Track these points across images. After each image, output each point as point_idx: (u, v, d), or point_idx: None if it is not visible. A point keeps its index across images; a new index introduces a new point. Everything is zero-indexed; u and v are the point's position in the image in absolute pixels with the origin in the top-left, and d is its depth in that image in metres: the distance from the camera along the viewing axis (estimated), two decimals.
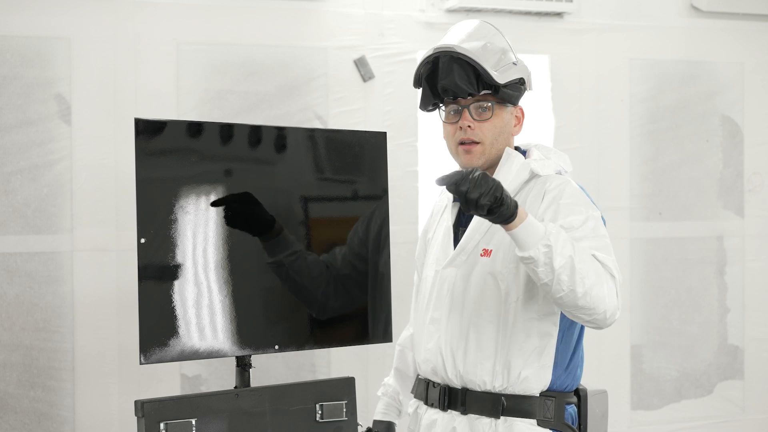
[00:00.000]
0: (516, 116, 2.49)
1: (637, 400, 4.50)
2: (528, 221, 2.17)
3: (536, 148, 2.51)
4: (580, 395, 2.47)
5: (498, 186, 2.11)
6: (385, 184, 2.67)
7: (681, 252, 4.56)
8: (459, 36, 2.42)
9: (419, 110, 2.53)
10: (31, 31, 3.64)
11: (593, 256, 2.23)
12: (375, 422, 2.72)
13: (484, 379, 2.38)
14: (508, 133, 2.46)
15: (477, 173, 2.09)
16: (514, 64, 2.43)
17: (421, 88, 2.46)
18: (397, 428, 2.74)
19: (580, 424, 2.46)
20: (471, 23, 2.48)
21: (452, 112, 2.44)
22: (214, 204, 2.40)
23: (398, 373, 2.75)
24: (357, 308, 2.65)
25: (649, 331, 4.52)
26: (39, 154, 3.65)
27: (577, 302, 2.19)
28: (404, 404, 2.73)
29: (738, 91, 4.63)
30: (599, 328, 2.29)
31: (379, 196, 2.64)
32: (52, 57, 3.66)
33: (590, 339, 2.77)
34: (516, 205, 2.15)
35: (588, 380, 2.55)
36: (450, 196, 2.55)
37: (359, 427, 2.54)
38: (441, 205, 2.63)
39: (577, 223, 2.29)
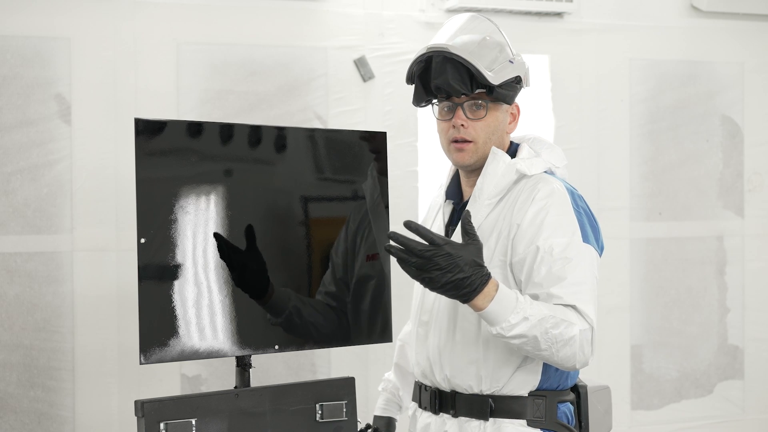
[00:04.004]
0: (511, 113, 2.43)
1: (637, 400, 4.50)
2: (489, 309, 2.16)
3: (528, 143, 2.46)
4: (579, 392, 2.45)
5: (455, 279, 2.11)
6: (362, 183, 2.62)
7: (681, 252, 4.56)
8: (454, 32, 2.37)
9: (419, 110, 2.50)
10: (31, 31, 3.64)
11: (573, 307, 2.21)
12: (375, 418, 2.71)
13: (470, 383, 2.36)
14: (502, 131, 2.41)
15: (442, 254, 2.09)
16: (510, 62, 2.37)
17: (413, 85, 2.42)
18: (397, 424, 2.74)
19: (580, 422, 2.44)
20: (466, 17, 2.42)
21: (446, 109, 2.39)
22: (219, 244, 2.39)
23: (398, 368, 2.73)
24: (357, 312, 2.64)
25: (649, 331, 4.52)
26: (39, 154, 3.65)
27: (546, 360, 2.25)
28: (404, 400, 2.72)
29: (738, 91, 4.63)
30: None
31: (362, 197, 2.62)
32: (52, 57, 3.66)
33: None
34: (476, 291, 2.14)
35: (588, 378, 2.53)
36: (444, 194, 2.54)
37: (359, 423, 2.53)
38: (437, 202, 2.59)
39: (558, 248, 2.25)
